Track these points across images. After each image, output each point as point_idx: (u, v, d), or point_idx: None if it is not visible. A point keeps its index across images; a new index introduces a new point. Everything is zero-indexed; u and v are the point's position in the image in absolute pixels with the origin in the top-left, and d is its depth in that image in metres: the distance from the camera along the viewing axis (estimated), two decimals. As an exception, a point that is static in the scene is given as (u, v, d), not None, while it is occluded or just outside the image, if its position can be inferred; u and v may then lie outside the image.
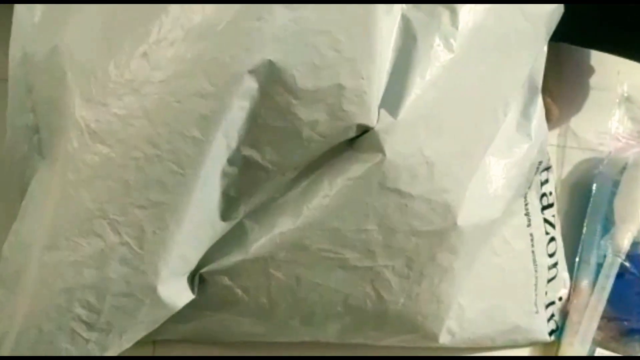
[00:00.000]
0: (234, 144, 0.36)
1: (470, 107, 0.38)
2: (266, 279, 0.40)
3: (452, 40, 0.37)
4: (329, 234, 0.38)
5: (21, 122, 0.39)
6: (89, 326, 0.37)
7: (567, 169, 0.53)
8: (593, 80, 0.53)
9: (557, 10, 0.39)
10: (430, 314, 0.42)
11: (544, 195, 0.47)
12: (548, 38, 0.40)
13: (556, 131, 0.53)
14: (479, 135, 0.39)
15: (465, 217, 0.39)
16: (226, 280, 0.40)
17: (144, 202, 0.35)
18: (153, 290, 0.36)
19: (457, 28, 0.37)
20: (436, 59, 0.37)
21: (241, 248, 0.39)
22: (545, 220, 0.47)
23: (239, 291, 0.40)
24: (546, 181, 0.47)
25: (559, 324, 0.50)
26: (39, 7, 0.38)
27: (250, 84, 0.34)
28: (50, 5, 0.37)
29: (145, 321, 0.38)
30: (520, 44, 0.39)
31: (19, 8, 0.38)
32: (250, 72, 0.34)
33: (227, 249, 0.39)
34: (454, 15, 0.37)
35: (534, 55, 0.40)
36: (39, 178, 0.38)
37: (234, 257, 0.39)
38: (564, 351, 0.49)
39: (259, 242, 0.38)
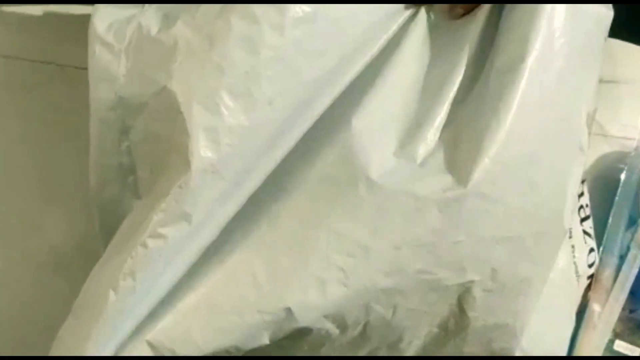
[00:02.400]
0: None
1: (539, 114, 0.39)
2: (366, 314, 0.39)
3: None
4: (425, 252, 0.38)
5: (113, 163, 0.40)
6: None
7: (590, 157, 0.52)
8: (620, 73, 0.54)
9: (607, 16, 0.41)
10: (508, 329, 0.43)
11: (581, 207, 0.50)
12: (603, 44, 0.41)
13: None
14: (552, 141, 0.40)
15: (543, 223, 0.40)
16: (328, 324, 0.39)
17: None
18: None
19: None
20: None
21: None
22: (584, 232, 0.50)
23: (337, 331, 0.40)
24: (582, 194, 0.49)
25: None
26: (123, 58, 0.38)
27: None
28: (136, 53, 0.38)
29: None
30: (579, 53, 0.40)
31: (98, 57, 0.38)
32: None
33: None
34: None
35: (599, 62, 0.41)
36: (131, 217, 0.38)
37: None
38: (582, 343, 0.50)
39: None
